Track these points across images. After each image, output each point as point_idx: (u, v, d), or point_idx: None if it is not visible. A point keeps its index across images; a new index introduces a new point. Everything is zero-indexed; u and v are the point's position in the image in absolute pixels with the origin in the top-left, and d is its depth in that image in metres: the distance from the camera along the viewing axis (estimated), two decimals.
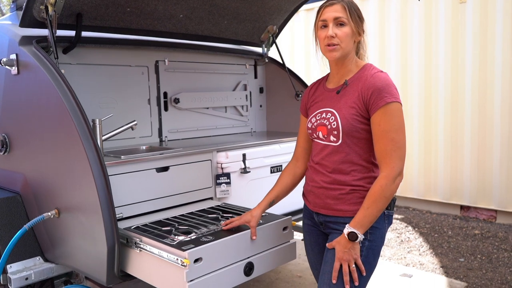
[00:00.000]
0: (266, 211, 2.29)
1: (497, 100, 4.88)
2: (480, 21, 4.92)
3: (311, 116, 1.87)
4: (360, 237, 1.67)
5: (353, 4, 1.75)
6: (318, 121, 1.81)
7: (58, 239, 2.29)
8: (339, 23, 1.71)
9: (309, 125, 1.86)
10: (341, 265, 1.71)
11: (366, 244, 1.72)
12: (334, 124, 1.74)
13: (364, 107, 1.70)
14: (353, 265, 1.69)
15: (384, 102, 1.65)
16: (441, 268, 3.80)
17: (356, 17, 1.73)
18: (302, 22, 6.50)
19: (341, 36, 1.71)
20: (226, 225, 2.03)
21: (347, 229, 1.68)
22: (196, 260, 1.76)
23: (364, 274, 1.72)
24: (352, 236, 1.67)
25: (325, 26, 1.74)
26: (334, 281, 1.71)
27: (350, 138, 1.73)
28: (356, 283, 1.71)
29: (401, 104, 1.69)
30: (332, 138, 1.76)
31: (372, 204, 1.66)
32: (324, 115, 1.80)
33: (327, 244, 1.79)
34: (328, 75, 1.92)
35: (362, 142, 1.74)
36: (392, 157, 1.66)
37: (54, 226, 2.27)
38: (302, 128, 2.00)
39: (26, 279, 2.29)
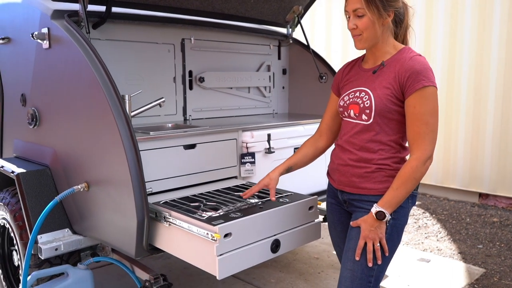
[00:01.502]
0: (291, 190, 2.33)
1: None
2: (509, 6, 4.80)
3: (344, 95, 1.88)
4: (388, 216, 1.69)
5: None
6: (351, 99, 1.82)
7: (87, 212, 2.33)
8: (357, 14, 1.72)
9: (341, 103, 1.87)
10: (365, 244, 1.73)
11: (390, 222, 1.74)
12: (367, 103, 1.75)
13: (399, 88, 1.70)
14: (378, 244, 1.71)
15: (421, 85, 1.66)
16: (459, 254, 3.80)
17: (377, 3, 1.70)
18: (324, 3, 6.41)
19: (361, 27, 1.73)
20: (245, 195, 2.07)
21: (375, 208, 1.69)
22: (226, 235, 1.78)
23: (387, 254, 1.74)
24: (380, 215, 1.68)
25: (349, 16, 1.76)
26: (357, 258, 1.73)
27: (381, 118, 1.74)
28: (379, 262, 1.73)
29: (436, 89, 1.69)
30: (364, 116, 1.77)
31: (402, 185, 1.68)
32: (357, 94, 1.81)
33: (351, 222, 1.81)
34: (364, 55, 1.92)
35: (393, 123, 1.75)
36: (424, 140, 1.67)
37: (83, 199, 2.32)
38: (330, 105, 2.02)
39: (56, 249, 2.34)
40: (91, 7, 2.46)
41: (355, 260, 1.74)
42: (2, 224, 2.71)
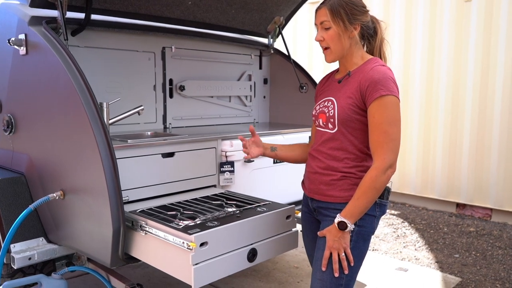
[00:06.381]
0: (269, 199, 2.34)
1: (497, 99, 4.92)
2: (484, 21, 4.94)
3: (316, 105, 1.94)
4: (350, 226, 1.69)
5: (338, 4, 1.75)
6: (320, 109, 1.88)
7: (62, 220, 2.30)
8: (324, 27, 1.78)
9: (313, 112, 1.94)
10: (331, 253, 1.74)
11: (355, 230, 1.75)
12: (331, 112, 1.80)
13: (361, 98, 1.74)
14: (343, 254, 1.72)
15: (378, 94, 1.68)
16: (436, 263, 3.85)
17: (342, 16, 1.74)
18: (306, 14, 6.49)
19: (327, 39, 1.79)
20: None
21: (337, 218, 1.71)
22: (202, 244, 1.78)
23: (352, 264, 1.75)
24: (342, 225, 1.69)
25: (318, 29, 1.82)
26: (323, 269, 1.74)
27: (345, 127, 1.77)
28: (346, 272, 1.74)
29: (397, 98, 1.70)
30: (329, 125, 1.81)
31: (362, 194, 1.69)
32: (325, 103, 1.86)
33: (318, 232, 1.82)
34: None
35: (357, 132, 1.77)
36: (383, 149, 1.67)
37: (59, 208, 2.28)
38: None
39: (29, 259, 2.30)
40: (70, 14, 2.45)
41: (323, 270, 1.75)
42: None
